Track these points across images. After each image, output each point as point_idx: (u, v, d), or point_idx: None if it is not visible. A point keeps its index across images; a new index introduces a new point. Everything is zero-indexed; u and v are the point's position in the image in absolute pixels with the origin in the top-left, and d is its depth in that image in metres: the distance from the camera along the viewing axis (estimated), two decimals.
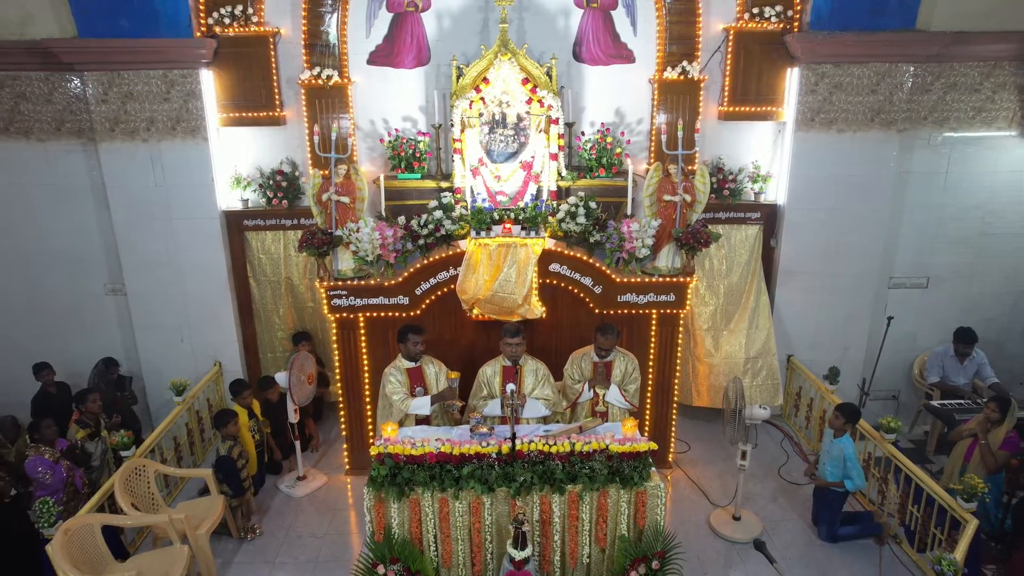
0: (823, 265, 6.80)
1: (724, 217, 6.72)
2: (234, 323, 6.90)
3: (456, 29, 6.45)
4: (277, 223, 6.72)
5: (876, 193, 6.64)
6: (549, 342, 5.74)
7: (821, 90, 6.34)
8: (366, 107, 6.57)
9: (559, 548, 4.31)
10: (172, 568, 4.50)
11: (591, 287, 5.63)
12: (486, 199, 6.03)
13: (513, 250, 5.47)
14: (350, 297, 5.61)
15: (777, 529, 5.54)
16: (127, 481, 5.00)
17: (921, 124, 6.64)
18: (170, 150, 6.36)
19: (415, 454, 4.18)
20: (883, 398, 7.47)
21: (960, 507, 4.52)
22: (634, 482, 4.20)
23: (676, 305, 5.71)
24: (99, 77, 6.12)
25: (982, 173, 6.83)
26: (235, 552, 5.34)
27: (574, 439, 4.25)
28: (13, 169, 6.55)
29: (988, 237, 7.03)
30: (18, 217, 6.70)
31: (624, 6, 6.42)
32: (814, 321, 6.97)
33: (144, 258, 6.65)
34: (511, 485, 4.14)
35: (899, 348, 7.30)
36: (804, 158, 6.51)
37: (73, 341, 7.03)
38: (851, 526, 5.38)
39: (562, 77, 6.38)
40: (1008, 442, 5.57)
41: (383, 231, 5.46)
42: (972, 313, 7.13)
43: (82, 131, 6.47)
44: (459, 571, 4.32)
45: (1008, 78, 6.53)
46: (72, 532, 4.31)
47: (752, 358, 6.72)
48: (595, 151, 6.31)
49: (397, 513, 4.21)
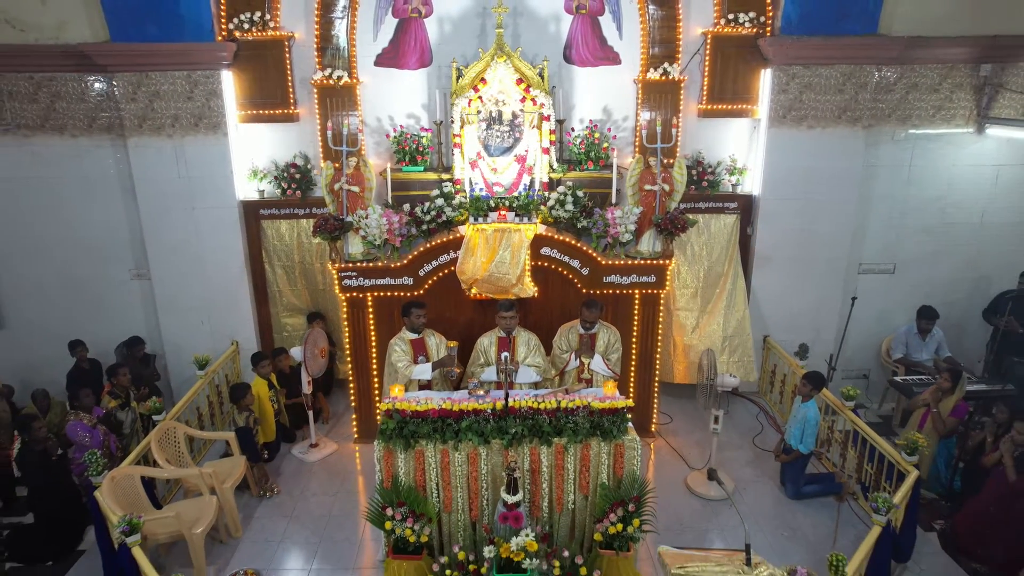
0: (796, 251, 7.33)
1: (704, 207, 7.26)
2: (250, 305, 7.44)
3: (456, 33, 6.99)
4: (291, 212, 7.26)
5: (844, 185, 7.18)
6: (541, 319, 6.28)
7: (792, 89, 6.88)
8: (373, 105, 7.12)
9: (547, 495, 4.85)
10: (203, 514, 5.06)
11: (579, 269, 6.18)
12: (483, 189, 6.58)
13: (508, 235, 6.02)
14: (359, 278, 6.16)
15: (749, 489, 6.08)
16: (159, 441, 5.55)
17: (885, 121, 7.18)
18: (193, 145, 6.90)
19: (419, 410, 4.72)
20: (854, 377, 8.01)
21: (904, 460, 5.06)
22: (613, 435, 4.74)
23: (657, 286, 6.26)
24: (129, 78, 6.67)
25: (942, 167, 7.37)
26: (255, 508, 5.89)
27: (560, 397, 4.81)
28: (48, 163, 7.10)
29: (949, 226, 7.57)
30: (51, 207, 7.24)
31: (610, 12, 6.97)
32: (788, 304, 7.50)
33: (167, 245, 7.19)
34: (504, 437, 4.68)
35: (869, 330, 7.86)
36: (777, 152, 7.05)
37: (100, 323, 7.54)
38: (814, 485, 5.93)
39: (553, 77, 6.91)
40: (957, 410, 6.14)
41: (390, 217, 6.02)
42: (935, 297, 7.65)
43: (111, 127, 7.02)
44: (458, 515, 4.86)
45: (965, 79, 7.08)
46: (117, 480, 4.87)
47: (729, 337, 7.27)
48: (584, 146, 6.86)
49: (403, 463, 4.75)
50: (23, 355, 7.60)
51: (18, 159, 7.05)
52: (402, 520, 4.61)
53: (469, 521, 4.86)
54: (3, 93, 6.84)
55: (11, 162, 7.05)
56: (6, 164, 7.05)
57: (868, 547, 4.29)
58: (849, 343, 7.78)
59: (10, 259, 7.39)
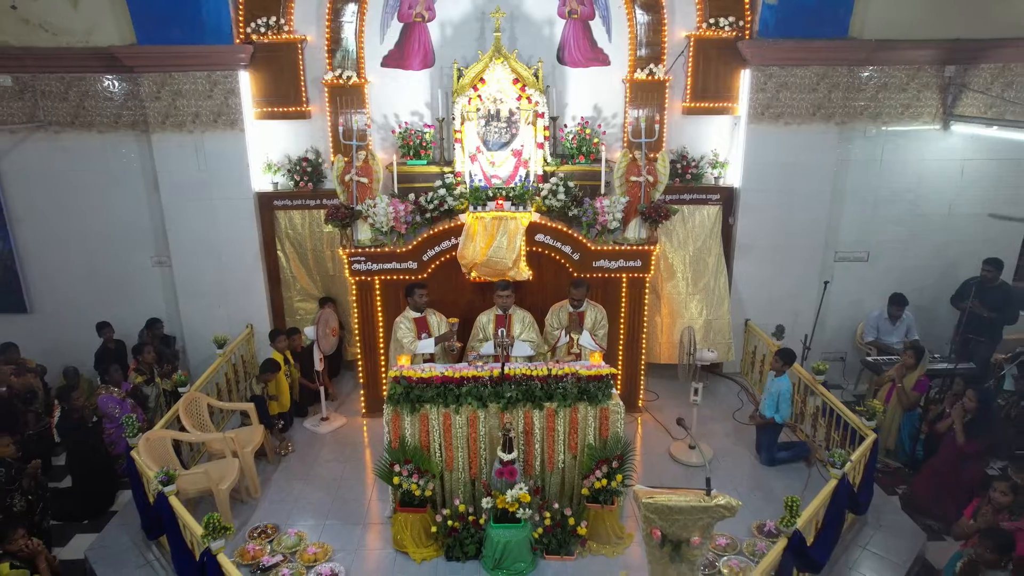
0: (775, 240, 7.83)
1: (688, 198, 7.76)
2: (264, 291, 7.96)
3: (457, 36, 7.50)
4: (303, 203, 7.77)
5: (819, 178, 7.69)
6: (535, 301, 6.78)
7: (769, 88, 7.39)
8: (380, 103, 7.63)
9: (539, 454, 5.36)
10: (227, 474, 5.58)
11: (570, 254, 6.70)
12: (482, 181, 7.08)
13: (505, 222, 6.53)
14: (368, 262, 6.67)
15: (727, 456, 6.60)
16: (185, 410, 6.06)
17: (858, 118, 7.69)
18: (212, 140, 7.41)
19: (424, 376, 5.25)
20: (832, 359, 8.46)
21: (863, 425, 5.58)
22: (599, 400, 5.25)
23: (642, 270, 6.78)
24: (153, 78, 7.19)
25: (912, 161, 7.87)
26: (272, 472, 6.41)
27: (550, 365, 5.32)
28: (77, 157, 7.61)
29: (918, 217, 8.07)
30: (80, 199, 7.75)
31: (600, 16, 7.48)
32: (768, 289, 8.01)
33: (187, 234, 7.70)
34: (500, 401, 5.20)
35: (845, 315, 8.38)
36: (756, 147, 7.55)
37: (124, 307, 8.04)
38: (786, 452, 6.45)
39: (548, 78, 7.41)
40: (919, 385, 6.66)
41: (396, 206, 6.54)
42: (906, 283, 8.15)
43: (136, 124, 7.53)
44: (459, 473, 5.37)
45: (931, 79, 7.59)
46: (151, 441, 5.39)
47: (710, 320, 7.78)
48: (576, 141, 7.37)
49: (410, 425, 5.26)
50: (51, 338, 8.12)
51: (49, 154, 7.57)
52: (408, 476, 5.13)
53: (469, 478, 5.38)
54: (36, 92, 7.36)
55: (43, 157, 7.57)
56: (39, 158, 7.57)
57: (824, 495, 4.79)
58: (826, 328, 8.33)
59: (40, 247, 7.91)
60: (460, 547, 5.15)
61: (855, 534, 5.61)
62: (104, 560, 5.42)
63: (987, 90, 7.51)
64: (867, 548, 5.52)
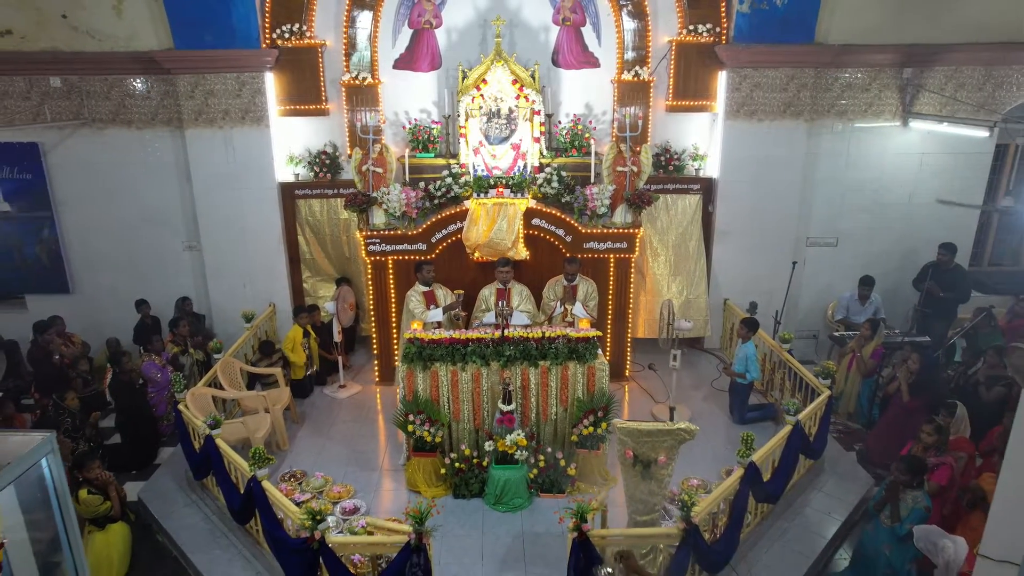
0: (750, 226, 8.60)
1: (671, 188, 8.54)
2: (285, 272, 8.73)
3: (461, 41, 8.29)
4: (321, 192, 8.55)
5: (791, 169, 8.46)
6: (533, 277, 7.55)
7: (744, 88, 8.17)
8: (392, 101, 8.42)
9: (534, 407, 6.14)
10: (261, 426, 6.37)
11: (563, 236, 7.48)
12: (484, 171, 7.85)
13: (505, 208, 7.31)
14: (382, 244, 7.45)
15: (703, 417, 7.36)
16: (222, 372, 6.85)
17: (825, 115, 8.46)
18: (239, 135, 8.19)
19: (434, 338, 6.03)
20: (805, 337, 9.27)
21: (819, 383, 6.36)
22: (586, 359, 6.03)
23: (628, 251, 7.56)
24: (188, 79, 7.97)
25: (875, 154, 8.63)
26: (297, 430, 7.20)
27: (544, 329, 6.11)
28: (117, 151, 8.38)
29: (882, 206, 8.84)
30: (119, 189, 8.52)
31: (591, 23, 8.27)
32: (744, 271, 8.77)
33: (216, 221, 8.48)
34: (501, 359, 5.98)
35: (817, 296, 9.15)
36: (733, 141, 8.33)
37: (157, 288, 8.80)
38: (755, 412, 7.23)
39: (543, 79, 8.19)
40: (875, 354, 7.44)
41: (408, 193, 7.32)
42: (873, 267, 8.91)
43: (171, 120, 8.31)
44: (465, 423, 6.15)
45: (891, 81, 8.36)
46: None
47: (689, 298, 8.56)
48: (569, 136, 8.15)
49: (421, 380, 6.04)
50: (91, 317, 8.89)
51: (93, 148, 8.35)
52: (421, 425, 5.92)
53: (473, 427, 6.16)
54: (82, 92, 8.15)
55: (87, 150, 8.35)
56: (83, 152, 8.35)
57: (780, 438, 5.57)
58: (799, 308, 9.12)
59: (82, 233, 8.68)
60: (466, 486, 5.94)
61: (813, 478, 6.41)
62: (155, 500, 6.23)
63: (941, 91, 8.29)
64: (822, 490, 6.32)
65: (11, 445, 2.89)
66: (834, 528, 5.82)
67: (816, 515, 6.01)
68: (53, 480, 3.05)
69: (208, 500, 6.11)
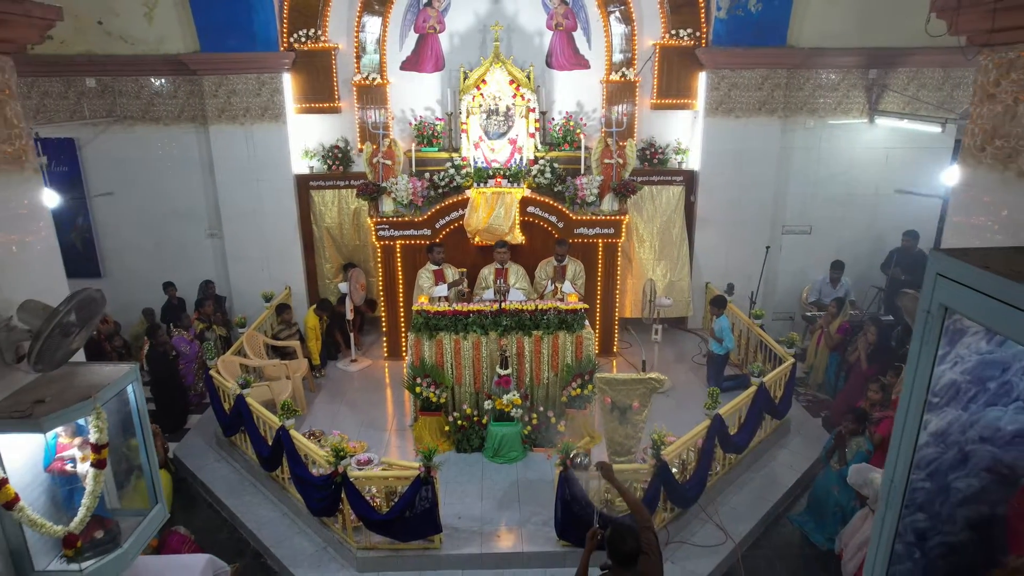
0: (729, 216, 9.32)
1: (656, 180, 9.26)
2: (300, 257, 9.46)
3: (463, 45, 9.02)
4: (334, 184, 9.28)
5: (766, 162, 9.18)
6: (527, 260, 8.26)
7: (722, 88, 8.90)
8: (399, 100, 9.15)
9: (529, 372, 6.85)
10: (282, 391, 7.10)
11: (556, 222, 8.20)
12: (484, 163, 8.57)
13: (502, 196, 8.04)
14: (391, 229, 8.18)
15: (683, 386, 8.09)
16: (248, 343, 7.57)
17: (797, 112, 9.18)
18: (259, 131, 8.92)
19: (440, 310, 6.75)
20: (782, 319, 9.99)
21: (784, 352, 7.08)
22: (574, 329, 6.75)
23: (615, 236, 8.29)
24: (212, 79, 8.70)
25: (844, 149, 9.35)
26: (314, 398, 7.93)
27: (537, 303, 6.83)
28: (146, 146, 9.11)
29: (851, 196, 9.55)
30: (148, 182, 9.23)
31: (582, 29, 9.00)
32: (724, 257, 9.50)
33: (237, 210, 9.19)
34: (498, 329, 6.70)
35: (793, 280, 9.86)
36: (712, 137, 9.05)
37: (182, 272, 9.52)
38: (731, 381, 7.95)
39: (538, 79, 8.91)
40: (841, 329, 8.16)
41: (414, 183, 8.05)
42: (844, 253, 9.58)
43: (195, 117, 9.04)
44: (466, 386, 6.86)
45: (857, 80, 9.09)
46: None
47: (673, 281, 9.28)
48: (561, 131, 8.87)
49: (428, 348, 6.76)
50: (120, 300, 9.56)
51: (124, 143, 9.07)
52: (427, 387, 6.64)
53: (474, 390, 6.88)
54: (115, 92, 8.88)
55: (119, 146, 9.07)
56: (115, 147, 9.07)
57: (746, 396, 6.30)
58: (777, 291, 9.84)
59: (114, 221, 9.40)
60: (467, 441, 6.66)
61: (779, 438, 7.14)
62: (189, 456, 6.96)
63: (904, 90, 9.02)
64: (786, 447, 7.06)
65: (104, 373, 3.60)
66: (795, 479, 6.54)
67: (780, 468, 6.75)
68: (136, 403, 3.76)
69: (236, 455, 6.83)
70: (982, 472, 3.29)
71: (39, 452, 3.50)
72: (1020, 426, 3.20)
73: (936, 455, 3.30)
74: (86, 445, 3.45)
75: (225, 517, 6.28)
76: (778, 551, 5.89)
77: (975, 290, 2.86)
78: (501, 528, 5.66)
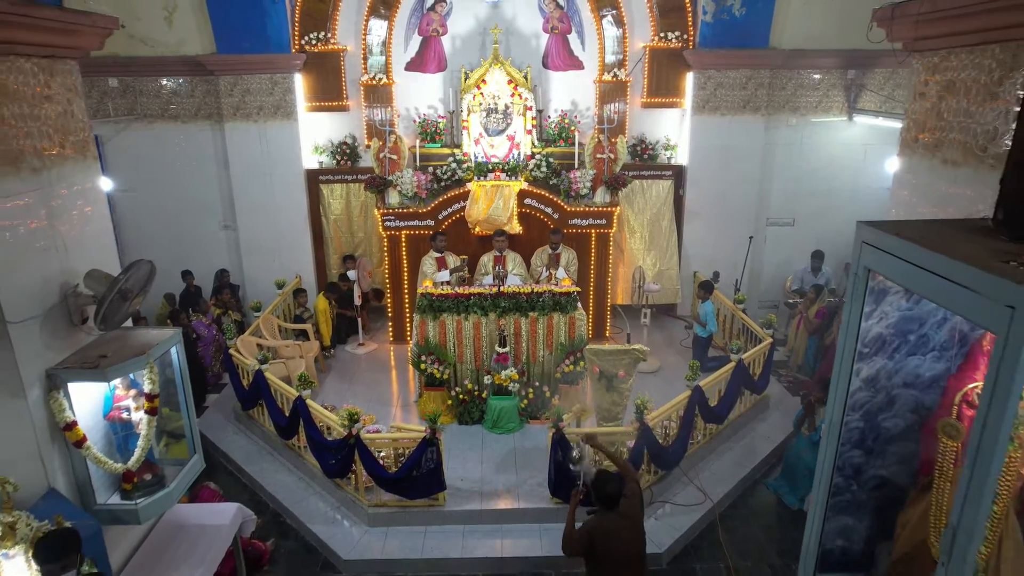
0: (716, 208, 9.86)
1: (647, 174, 9.80)
2: (310, 248, 10.00)
3: (464, 47, 9.56)
4: (342, 178, 9.81)
5: (751, 158, 9.72)
6: (524, 249, 8.78)
7: (708, 87, 9.43)
8: (404, 99, 9.68)
9: (525, 350, 7.39)
10: (296, 369, 7.63)
11: (551, 214, 8.74)
12: (484, 158, 9.11)
13: (501, 189, 8.58)
14: (396, 220, 8.71)
15: (671, 367, 8.62)
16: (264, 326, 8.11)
17: (780, 111, 9.72)
18: (272, 128, 9.45)
19: (443, 293, 7.29)
20: (767, 307, 10.52)
21: (762, 332, 7.62)
22: (567, 310, 7.29)
23: (607, 227, 8.83)
24: (228, 79, 9.23)
25: (825, 145, 9.88)
26: (324, 378, 8.47)
27: (533, 286, 7.37)
28: (164, 143, 9.65)
29: (832, 190, 10.07)
30: (166, 177, 9.76)
31: (576, 31, 9.54)
32: (711, 247, 10.03)
33: (250, 203, 9.73)
34: (497, 310, 7.24)
35: (776, 270, 10.39)
36: (699, 133, 9.59)
37: (198, 262, 10.04)
38: (714, 362, 8.47)
39: (535, 79, 9.45)
40: (819, 314, 8.70)
41: (418, 177, 8.58)
42: (825, 244, 10.10)
43: (211, 115, 9.57)
44: (467, 364, 7.40)
45: (837, 81, 9.62)
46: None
47: (662, 270, 9.82)
48: (557, 128, 9.40)
49: (432, 328, 7.29)
50: None
51: (144, 140, 9.61)
52: (431, 364, 7.18)
53: (474, 367, 7.41)
54: (135, 91, 9.42)
55: (139, 142, 9.61)
56: (136, 144, 9.61)
57: (725, 371, 6.83)
58: (762, 280, 10.37)
59: (134, 214, 9.93)
60: (468, 414, 7.20)
61: (759, 412, 7.68)
62: (209, 430, 7.49)
63: (880, 90, 9.55)
64: (766, 421, 7.61)
65: (153, 335, 4.14)
66: (771, 448, 7.08)
67: (759, 439, 7.29)
68: (179, 364, 4.30)
69: (254, 428, 7.37)
70: (907, 413, 3.85)
71: (99, 402, 4.04)
72: (936, 372, 3.76)
73: (867, 398, 3.87)
74: (140, 396, 3.98)
75: (245, 483, 6.81)
76: (753, 511, 6.43)
77: (891, 254, 3.43)
78: (500, 488, 6.19)
